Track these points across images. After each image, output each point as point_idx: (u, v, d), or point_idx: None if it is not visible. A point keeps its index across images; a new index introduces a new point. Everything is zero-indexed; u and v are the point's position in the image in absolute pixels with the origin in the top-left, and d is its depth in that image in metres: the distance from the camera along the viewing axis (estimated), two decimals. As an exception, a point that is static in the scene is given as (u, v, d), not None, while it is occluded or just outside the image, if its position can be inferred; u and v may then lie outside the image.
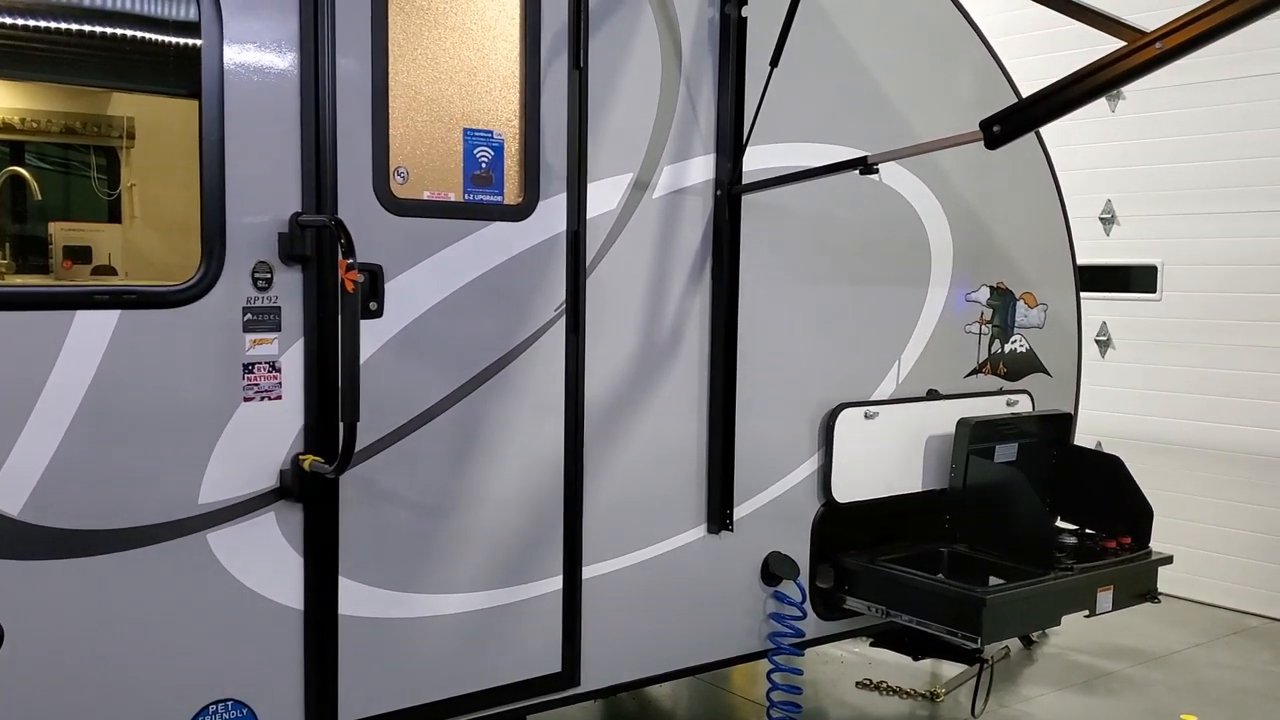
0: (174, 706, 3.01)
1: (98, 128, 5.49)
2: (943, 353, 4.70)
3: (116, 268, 5.38)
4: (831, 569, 4.39)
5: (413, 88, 3.28)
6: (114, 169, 5.59)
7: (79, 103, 5.44)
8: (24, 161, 5.36)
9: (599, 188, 3.67)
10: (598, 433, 3.74)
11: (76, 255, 5.34)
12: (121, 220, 5.61)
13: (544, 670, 3.67)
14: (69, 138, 5.44)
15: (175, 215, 5.73)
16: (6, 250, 5.22)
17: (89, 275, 5.33)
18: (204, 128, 2.96)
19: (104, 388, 2.84)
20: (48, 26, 3.07)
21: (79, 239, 5.35)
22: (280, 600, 3.16)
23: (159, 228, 5.70)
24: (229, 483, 3.05)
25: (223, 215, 2.98)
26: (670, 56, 3.80)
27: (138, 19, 3.13)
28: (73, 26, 3.12)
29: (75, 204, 5.54)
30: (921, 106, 4.49)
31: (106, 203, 5.60)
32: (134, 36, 3.16)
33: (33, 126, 5.35)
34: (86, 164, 5.56)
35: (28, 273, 5.24)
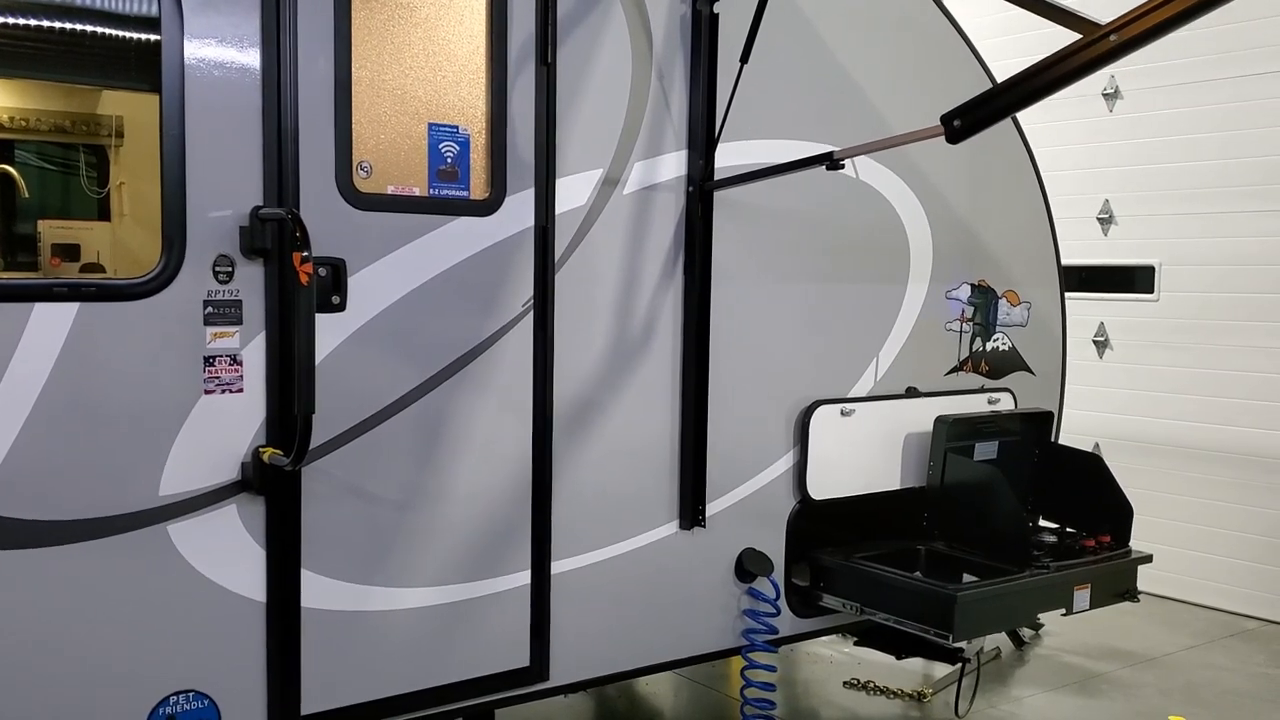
0: (134, 697, 3.03)
1: (87, 126, 5.53)
2: (922, 350, 4.68)
3: (105, 265, 5.42)
4: (808, 566, 4.38)
5: (376, 82, 3.30)
6: (103, 167, 5.63)
7: (69, 101, 5.48)
8: (13, 160, 5.41)
9: (568, 183, 3.67)
10: (567, 428, 3.74)
11: (65, 253, 5.38)
12: (110, 218, 5.65)
13: (512, 664, 3.67)
14: (59, 136, 5.48)
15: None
16: (-5, 248, 5.27)
17: (77, 272, 5.37)
18: (164, 122, 2.98)
19: (63, 380, 2.86)
20: (18, 23, 3.09)
21: (68, 236, 5.39)
22: (242, 592, 3.17)
23: (147, 225, 5.73)
24: (190, 475, 3.07)
25: (183, 208, 3.01)
26: (641, 52, 3.80)
27: (100, 14, 3.15)
28: (35, 22, 3.14)
29: (64, 202, 5.58)
30: (899, 105, 4.48)
31: (95, 201, 5.65)
32: (96, 31, 3.18)
33: (22, 125, 5.39)
34: (76, 162, 5.60)
35: (15, 270, 5.29)
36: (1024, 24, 7.11)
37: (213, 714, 3.16)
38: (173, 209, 2.99)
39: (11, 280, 2.84)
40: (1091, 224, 7.74)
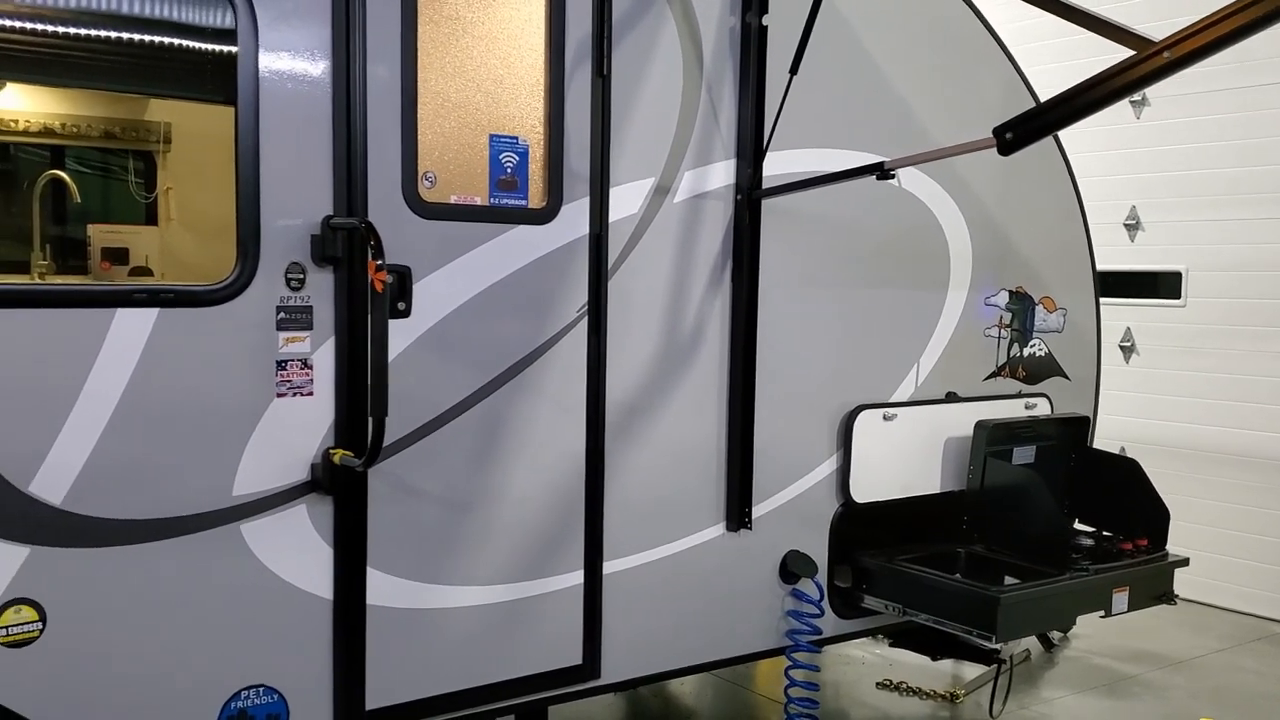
0: (208, 691, 3.13)
1: (136, 133, 5.64)
2: (962, 356, 4.76)
3: (153, 269, 5.53)
4: (850, 568, 4.45)
5: (441, 94, 3.39)
6: (151, 173, 5.74)
7: (118, 108, 5.60)
8: (64, 165, 5.52)
9: (621, 192, 3.76)
10: (619, 431, 3.83)
11: (114, 256, 5.49)
12: (158, 222, 5.76)
13: (565, 662, 3.76)
14: (108, 142, 5.59)
15: (209, 218, 5.88)
16: (47, 251, 5.38)
17: (126, 276, 5.48)
18: (240, 133, 3.07)
19: (142, 383, 2.95)
20: (93, 35, 3.19)
21: (117, 240, 5.50)
22: (311, 590, 3.27)
23: (194, 230, 5.84)
24: (262, 475, 3.16)
25: (257, 217, 3.10)
26: (692, 64, 3.89)
27: (177, 27, 3.25)
28: (116, 35, 3.24)
29: (113, 207, 5.69)
30: (941, 114, 4.55)
31: (143, 205, 5.76)
32: (174, 45, 3.28)
33: (73, 131, 5.50)
34: (124, 168, 5.71)
35: (67, 273, 5.40)
36: (1045, 32, 7.19)
37: (281, 709, 3.25)
38: (247, 218, 3.09)
39: (94, 286, 2.92)
40: (1119, 230, 7.79)
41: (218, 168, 5.82)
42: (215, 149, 5.78)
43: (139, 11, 3.18)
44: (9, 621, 2.84)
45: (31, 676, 2.87)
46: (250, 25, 3.05)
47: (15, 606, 2.84)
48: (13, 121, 5.35)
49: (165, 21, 3.22)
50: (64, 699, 2.91)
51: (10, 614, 2.84)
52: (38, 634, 2.87)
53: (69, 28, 3.18)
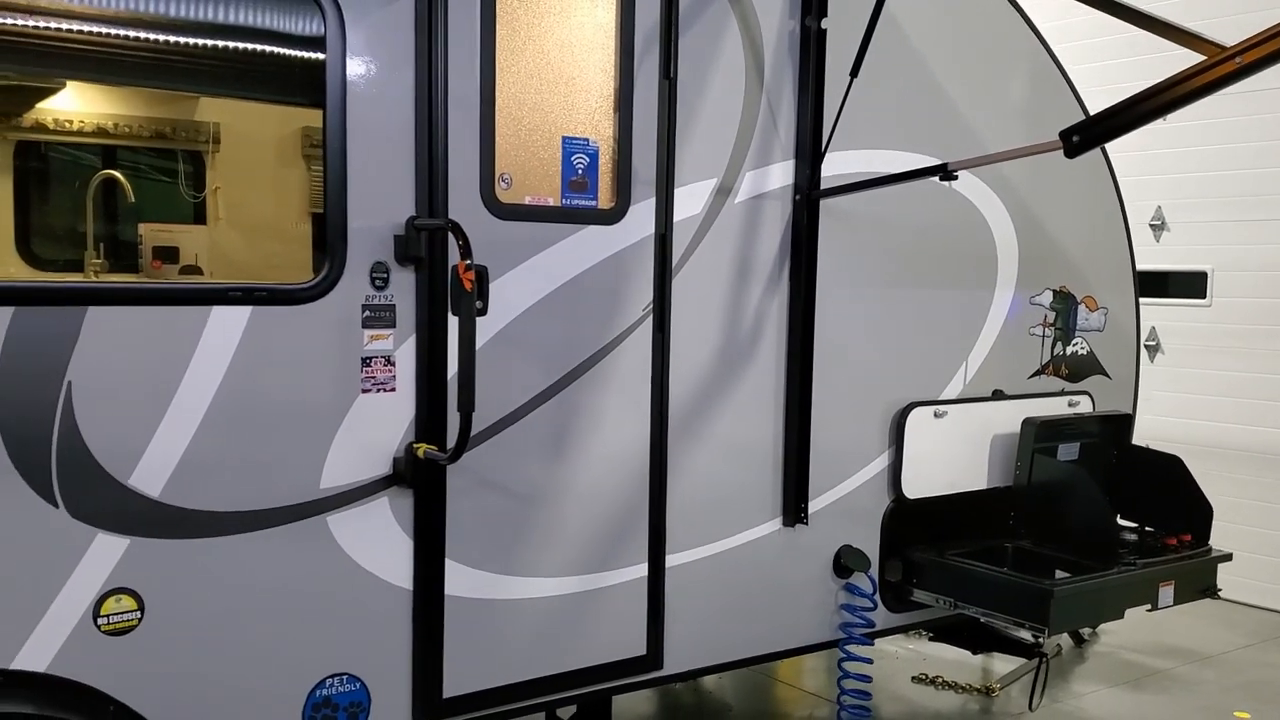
0: (296, 678, 3.21)
1: (185, 133, 5.72)
2: (1008, 354, 4.84)
3: (202, 267, 5.61)
4: (900, 562, 4.53)
5: (516, 97, 3.47)
6: (200, 172, 5.82)
7: (169, 108, 5.68)
8: (116, 164, 5.60)
9: (685, 193, 3.84)
10: (680, 428, 3.91)
11: (165, 255, 5.57)
12: (206, 222, 5.84)
13: (630, 653, 3.84)
14: (159, 142, 5.67)
15: (256, 217, 5.97)
16: (101, 250, 5.46)
17: (177, 274, 5.56)
18: (328, 136, 3.15)
19: (236, 379, 3.04)
20: (187, 42, 3.27)
21: (168, 239, 5.58)
22: (392, 580, 3.35)
23: (241, 229, 5.92)
24: (347, 469, 3.24)
25: (344, 218, 3.18)
26: (753, 66, 3.97)
27: (267, 34, 3.32)
28: (211, 42, 3.32)
29: (163, 206, 5.77)
30: (988, 115, 4.64)
31: (192, 205, 5.84)
32: (264, 50, 3.36)
33: (125, 131, 5.58)
34: (174, 167, 5.79)
35: (119, 272, 5.48)
36: (1077, 33, 7.26)
37: (363, 696, 3.33)
38: (335, 219, 3.17)
39: (192, 284, 3.00)
40: (1144, 230, 7.87)
41: (263, 167, 5.95)
42: (261, 149, 5.91)
43: (233, 20, 3.26)
44: (110, 610, 2.92)
45: (129, 664, 2.95)
46: (339, 32, 3.12)
47: (116, 596, 2.92)
48: (67, 121, 5.43)
49: (258, 29, 3.30)
50: (159, 686, 3.00)
51: (111, 603, 2.92)
52: (136, 623, 2.95)
53: (166, 34, 3.26)
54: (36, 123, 5.36)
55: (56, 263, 5.47)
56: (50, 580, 2.84)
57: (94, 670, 2.90)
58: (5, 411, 2.73)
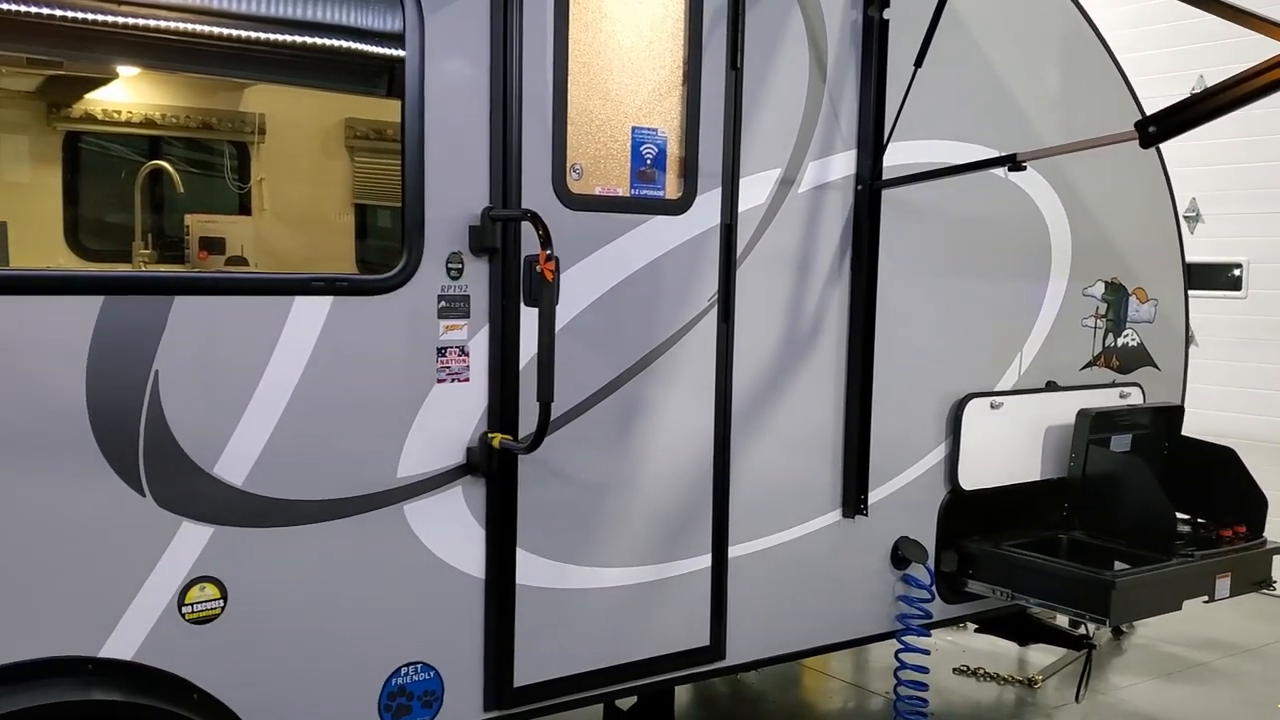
0: (372, 666, 3.23)
1: (231, 123, 5.72)
2: (1061, 345, 4.83)
3: (248, 259, 5.62)
4: (954, 554, 4.54)
5: (588, 88, 3.46)
6: (245, 163, 5.83)
7: (215, 99, 5.68)
8: (161, 155, 5.61)
9: (749, 183, 3.84)
10: (743, 419, 3.91)
11: (211, 246, 5.58)
12: (251, 212, 5.85)
13: (694, 644, 3.85)
14: (205, 133, 5.68)
15: (301, 208, 5.97)
16: (149, 240, 5.47)
17: (223, 265, 5.57)
18: (406, 128, 3.15)
19: (317, 369, 3.05)
20: (273, 38, 3.29)
21: (214, 230, 5.58)
22: (465, 569, 3.36)
23: (286, 220, 5.93)
24: (423, 458, 3.25)
25: (422, 209, 3.18)
26: (816, 56, 3.96)
27: (347, 29, 3.34)
28: (297, 39, 3.34)
29: (209, 197, 5.77)
30: (1042, 105, 4.63)
31: (237, 195, 5.84)
32: (344, 44, 3.37)
33: (172, 121, 5.59)
34: (220, 158, 5.80)
35: (166, 263, 5.49)
36: (1115, 22, 7.23)
37: (437, 685, 3.34)
38: (413, 210, 3.17)
39: (278, 275, 3.01)
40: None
41: (308, 158, 5.95)
42: (306, 140, 5.91)
43: (315, 16, 3.28)
44: (194, 599, 2.93)
45: (212, 652, 2.97)
46: (417, 25, 3.12)
47: (200, 584, 2.94)
48: (115, 112, 5.44)
49: (339, 25, 3.32)
50: (241, 674, 3.01)
51: (195, 591, 2.93)
52: (219, 611, 2.97)
53: (247, 29, 3.28)
54: (85, 113, 5.37)
55: (104, 253, 5.48)
56: (137, 569, 2.85)
57: (178, 659, 2.92)
58: (95, 400, 2.74)
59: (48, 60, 4.94)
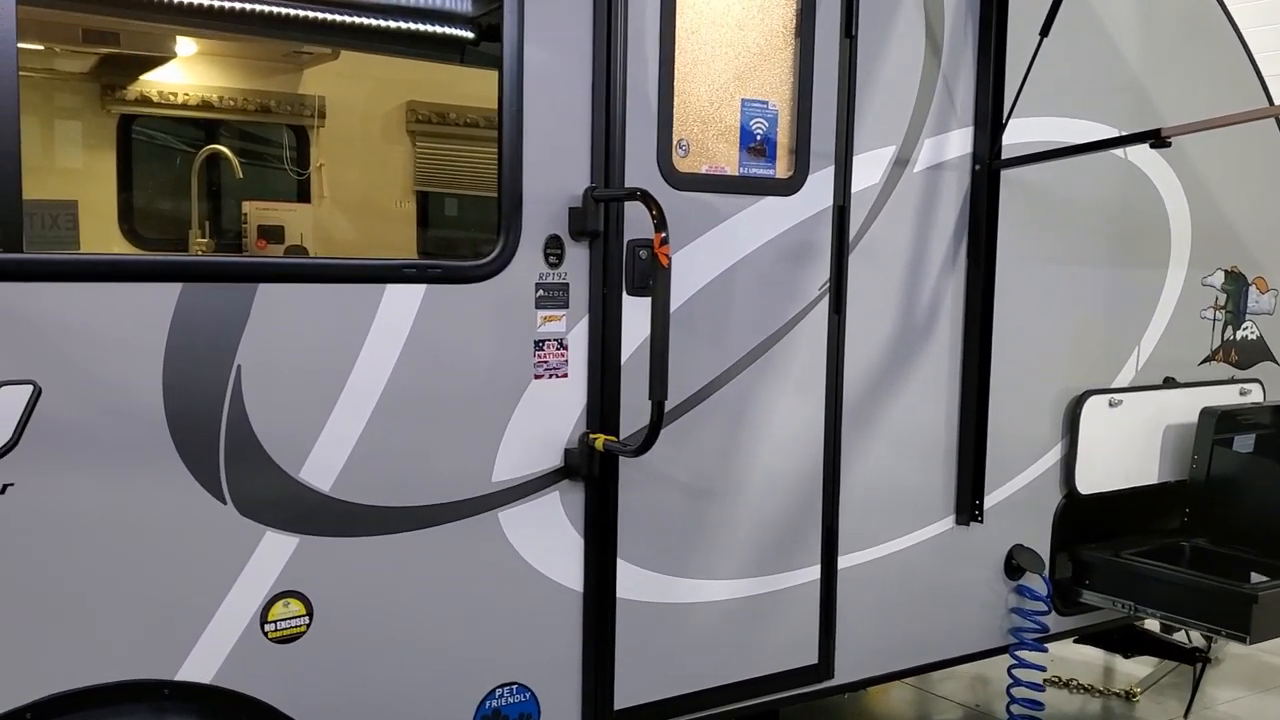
0: (465, 688, 2.96)
1: (290, 107, 5.48)
2: (1179, 339, 4.49)
3: (308, 247, 5.37)
4: (1069, 562, 4.22)
5: (694, 57, 3.17)
6: (303, 149, 5.58)
7: (272, 81, 5.44)
8: (218, 140, 5.37)
9: (862, 161, 3.53)
10: (853, 418, 3.61)
11: (270, 234, 5.34)
12: (310, 200, 5.60)
13: (801, 662, 3.56)
14: (264, 117, 5.43)
15: (362, 195, 5.72)
16: (207, 228, 5.23)
17: (283, 254, 5.33)
18: (504, 105, 2.86)
19: (408, 364, 2.78)
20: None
21: (272, 218, 5.34)
22: (563, 581, 3.09)
23: (346, 208, 5.68)
24: (519, 461, 2.98)
25: (519, 192, 2.90)
26: (934, 25, 3.65)
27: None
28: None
29: (267, 183, 5.54)
30: (1164, 81, 4.28)
31: (296, 182, 5.60)
32: (445, 11, 3.11)
33: (230, 105, 5.35)
34: (279, 143, 5.55)
35: (223, 250, 5.26)
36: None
37: (533, 708, 3.07)
38: (511, 192, 2.89)
39: (365, 261, 2.74)
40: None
41: (369, 143, 5.69)
42: (367, 124, 5.66)
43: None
44: (278, 616, 2.67)
45: (297, 674, 2.71)
46: (516, -6, 2.84)
47: (284, 600, 2.68)
48: (171, 95, 5.21)
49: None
50: (327, 699, 2.75)
51: (279, 608, 2.67)
52: (304, 629, 2.71)
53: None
54: (140, 96, 5.13)
55: (159, 241, 5.25)
56: (217, 584, 2.59)
57: (261, 681, 2.66)
58: (172, 397, 2.49)
59: (102, 38, 4.72)
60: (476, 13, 3.05)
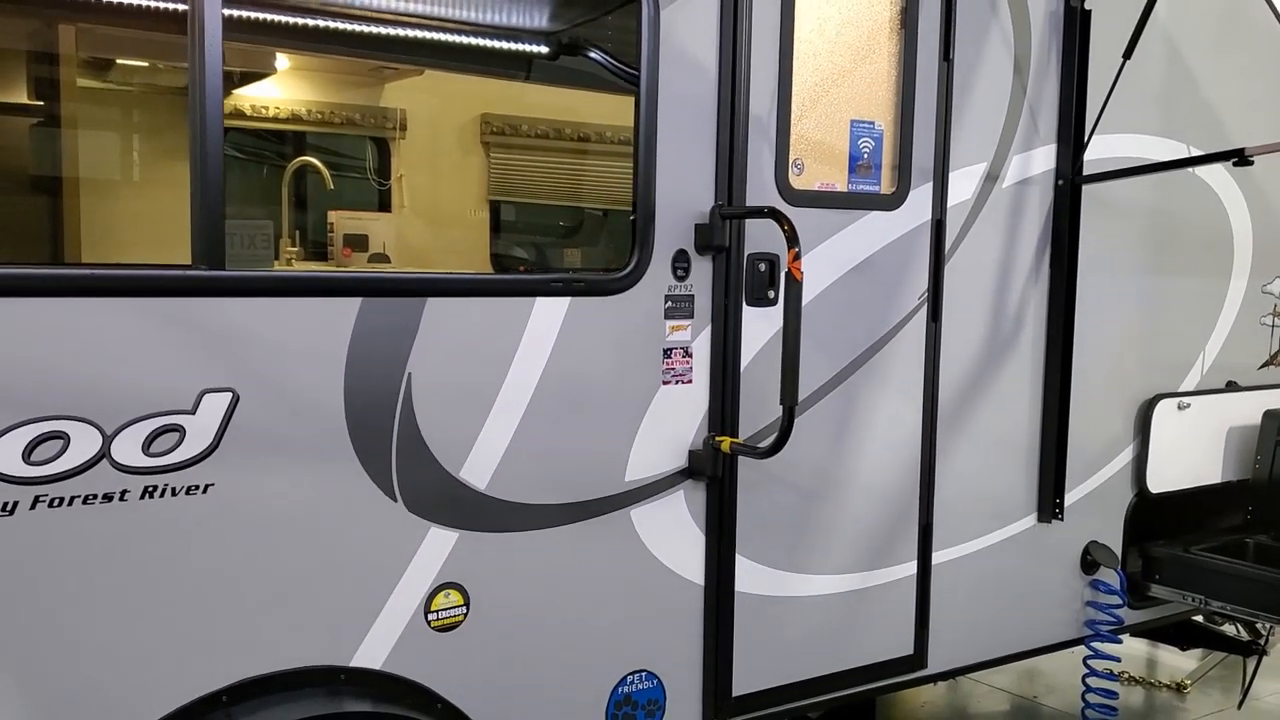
0: (601, 674, 3.16)
1: (374, 119, 5.67)
2: (1241, 344, 4.69)
3: (390, 256, 5.57)
4: (1140, 558, 4.41)
5: (809, 81, 3.37)
6: (385, 160, 5.78)
7: (357, 94, 5.63)
8: (305, 152, 5.56)
9: (957, 177, 3.73)
10: (947, 421, 3.81)
11: (355, 243, 5.53)
12: (391, 209, 5.80)
13: (898, 652, 3.76)
14: (348, 129, 5.63)
15: (440, 205, 5.92)
16: (296, 238, 5.43)
17: (366, 263, 5.53)
18: (640, 126, 3.06)
19: (555, 370, 2.98)
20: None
21: (357, 228, 5.53)
22: (686, 575, 3.28)
23: (425, 217, 5.88)
24: (649, 461, 3.18)
25: (653, 208, 3.10)
26: (1022, 47, 3.85)
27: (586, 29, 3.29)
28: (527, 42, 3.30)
29: (352, 193, 5.73)
30: (1234, 100, 4.49)
31: (378, 192, 5.80)
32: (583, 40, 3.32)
33: (318, 118, 5.55)
34: (362, 154, 5.75)
35: (309, 260, 5.45)
36: None
37: (660, 694, 3.27)
38: (645, 208, 3.09)
39: (520, 277, 2.95)
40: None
41: (447, 155, 5.90)
42: (445, 136, 5.86)
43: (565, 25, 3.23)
44: (439, 606, 2.87)
45: (456, 661, 2.90)
46: (653, 22, 3.04)
47: (445, 591, 2.88)
48: (262, 108, 5.41)
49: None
50: (482, 683, 2.95)
51: (440, 598, 2.87)
52: (462, 618, 2.91)
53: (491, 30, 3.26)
54: (233, 109, 5.33)
55: (247, 254, 5.44)
56: (388, 575, 2.79)
57: (424, 667, 2.86)
58: (352, 403, 2.68)
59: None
60: (621, 44, 3.26)
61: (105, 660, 2.45)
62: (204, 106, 2.48)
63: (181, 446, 2.47)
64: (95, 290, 2.40)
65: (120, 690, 2.47)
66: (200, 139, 2.48)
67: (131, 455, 2.41)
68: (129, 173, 5.15)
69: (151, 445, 2.43)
